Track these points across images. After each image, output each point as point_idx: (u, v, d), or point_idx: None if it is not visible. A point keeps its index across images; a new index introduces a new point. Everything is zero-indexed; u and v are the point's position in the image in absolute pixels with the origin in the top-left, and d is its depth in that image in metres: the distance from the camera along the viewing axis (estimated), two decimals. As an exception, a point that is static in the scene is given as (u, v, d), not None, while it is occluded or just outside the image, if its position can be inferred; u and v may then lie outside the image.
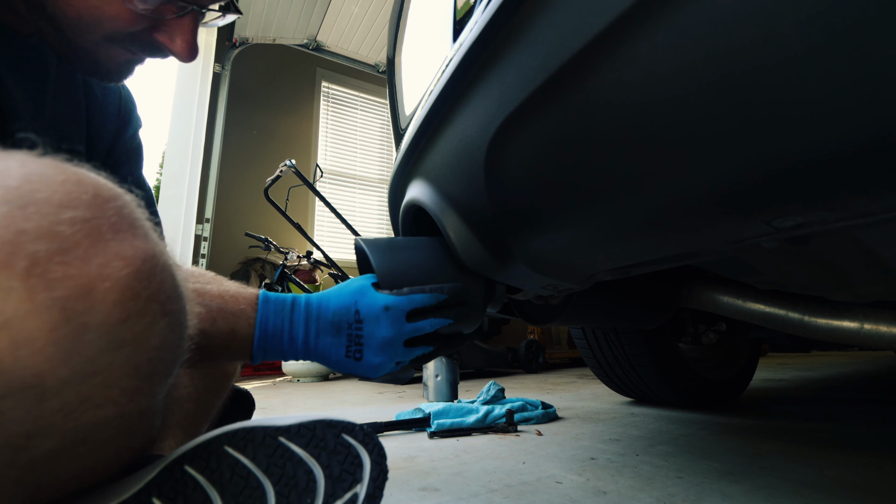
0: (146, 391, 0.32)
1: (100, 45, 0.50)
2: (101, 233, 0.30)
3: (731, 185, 0.37)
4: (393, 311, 0.57)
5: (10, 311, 0.26)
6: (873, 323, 0.85)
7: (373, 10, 4.15)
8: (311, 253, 3.52)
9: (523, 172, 0.51)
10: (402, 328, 0.57)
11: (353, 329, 0.56)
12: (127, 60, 0.53)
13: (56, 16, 0.48)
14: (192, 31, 0.52)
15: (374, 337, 0.56)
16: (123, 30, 0.50)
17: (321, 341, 0.55)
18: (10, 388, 0.26)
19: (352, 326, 0.56)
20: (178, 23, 0.51)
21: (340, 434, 0.48)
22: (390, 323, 0.56)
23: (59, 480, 0.32)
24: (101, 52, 0.51)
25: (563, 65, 0.37)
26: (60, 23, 0.48)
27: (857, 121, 0.28)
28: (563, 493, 0.74)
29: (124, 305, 0.29)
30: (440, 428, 1.21)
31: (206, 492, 0.41)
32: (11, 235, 0.27)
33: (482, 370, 3.27)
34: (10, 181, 0.28)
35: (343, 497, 0.46)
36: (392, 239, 0.69)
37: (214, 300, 0.52)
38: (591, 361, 1.62)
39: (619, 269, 0.65)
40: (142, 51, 0.53)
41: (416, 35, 0.85)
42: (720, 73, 0.30)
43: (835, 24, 0.25)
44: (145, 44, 0.52)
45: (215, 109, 3.83)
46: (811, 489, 0.74)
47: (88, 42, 0.50)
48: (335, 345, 0.56)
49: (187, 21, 0.51)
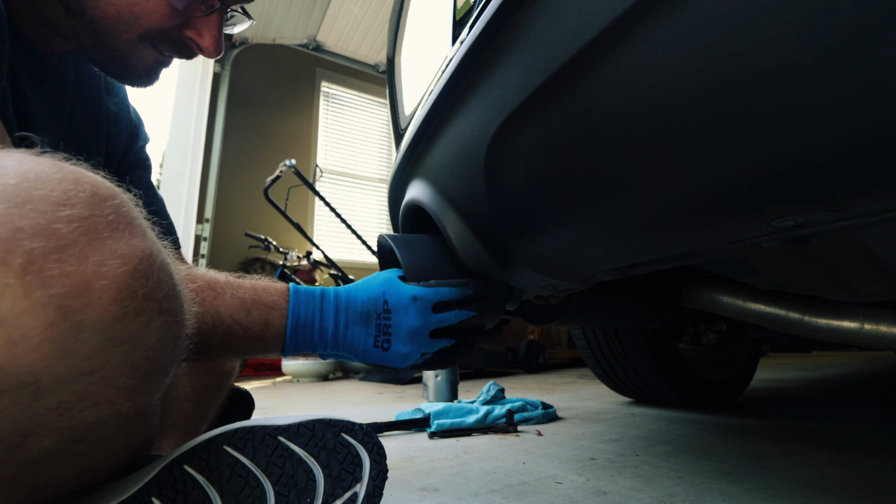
0: (143, 390, 0.32)
1: (134, 45, 0.55)
2: (99, 231, 0.30)
3: (731, 186, 0.37)
4: (420, 302, 0.58)
5: (6, 309, 0.26)
6: (873, 323, 0.85)
7: (373, 10, 4.15)
8: (310, 253, 3.52)
9: (523, 172, 0.51)
10: (429, 318, 0.59)
11: (381, 319, 0.57)
12: (156, 61, 0.58)
13: (95, 18, 0.52)
14: (218, 28, 0.58)
15: (403, 326, 0.57)
16: (158, 26, 0.54)
17: (350, 332, 0.57)
18: (5, 386, 0.26)
19: (380, 316, 0.57)
20: (206, 20, 0.56)
21: (340, 433, 0.48)
22: (418, 312, 0.58)
23: (57, 480, 0.32)
24: (133, 52, 0.56)
25: (564, 65, 0.37)
26: (98, 25, 0.53)
27: (857, 121, 0.28)
28: (563, 494, 0.74)
29: (121, 303, 0.29)
30: (440, 428, 1.21)
31: (206, 491, 0.41)
32: (8, 233, 0.27)
33: (482, 370, 3.27)
34: (7, 179, 0.28)
35: (343, 496, 0.46)
36: (414, 235, 0.71)
37: (248, 292, 0.54)
38: (591, 361, 1.62)
39: (620, 269, 0.65)
40: (171, 49, 0.58)
41: (416, 35, 0.85)
42: (721, 74, 0.30)
43: (835, 25, 0.25)
44: (175, 41, 0.57)
45: (215, 109, 3.83)
46: (811, 489, 0.74)
47: (123, 43, 0.54)
48: (364, 335, 0.57)
49: (214, 18, 0.57)
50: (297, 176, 2.98)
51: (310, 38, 4.39)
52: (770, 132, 0.31)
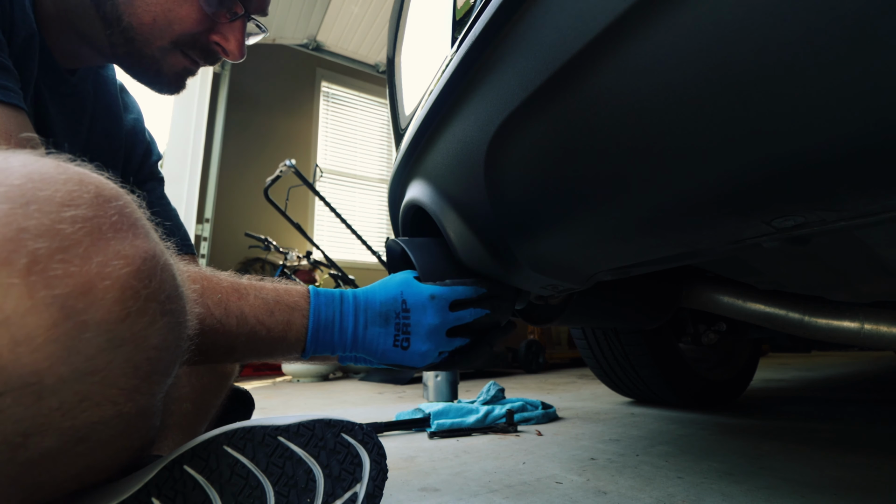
0: (145, 390, 0.32)
1: (166, 52, 0.60)
2: (102, 231, 0.30)
3: (731, 186, 0.37)
4: (438, 300, 0.60)
5: (9, 308, 0.26)
6: (873, 323, 0.85)
7: (373, 10, 4.15)
8: (310, 253, 3.52)
9: (524, 173, 0.51)
10: (446, 316, 0.60)
11: (400, 318, 0.59)
12: (184, 69, 0.63)
13: (132, 25, 0.57)
14: (242, 33, 0.63)
15: (422, 325, 0.59)
16: (190, 31, 0.59)
17: (370, 332, 0.58)
18: (8, 386, 0.26)
19: (399, 315, 0.59)
20: (231, 26, 0.62)
21: (340, 433, 0.48)
22: (436, 311, 0.59)
23: (58, 480, 0.32)
24: (165, 59, 0.60)
25: (563, 65, 0.37)
26: (134, 32, 0.57)
27: (857, 122, 0.28)
28: (563, 494, 0.74)
29: (124, 304, 0.30)
30: (440, 428, 1.21)
31: (206, 491, 0.41)
32: (13, 233, 0.27)
33: (482, 370, 3.27)
34: (12, 179, 0.28)
35: (342, 496, 0.46)
36: (425, 238, 0.73)
37: (270, 294, 0.55)
38: (591, 361, 1.62)
39: (619, 269, 0.65)
40: (199, 54, 0.62)
41: (416, 35, 0.85)
42: (721, 75, 0.30)
43: (834, 27, 0.25)
44: (203, 47, 0.62)
45: (215, 109, 3.83)
46: (811, 489, 0.74)
47: (156, 49, 0.59)
48: (383, 334, 0.58)
49: (238, 24, 0.62)
50: (297, 176, 2.98)
51: (310, 38, 4.39)
52: (770, 133, 0.31)
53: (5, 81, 0.46)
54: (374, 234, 4.73)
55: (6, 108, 0.46)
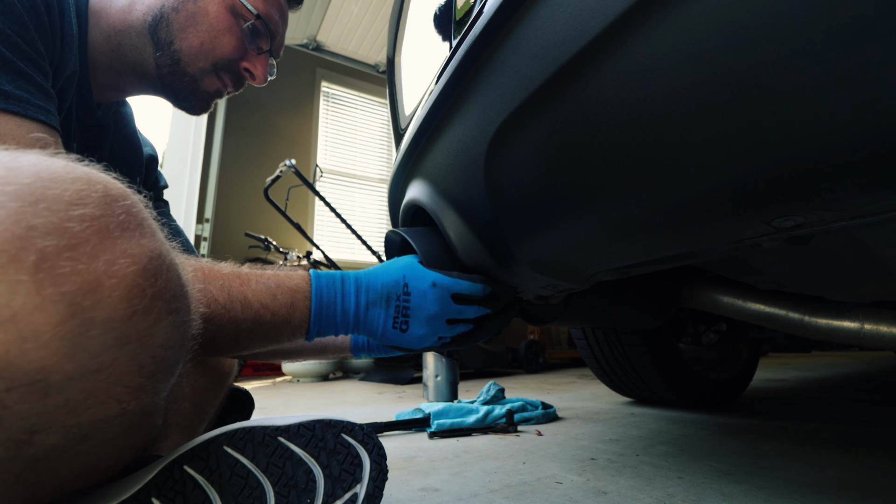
0: (149, 389, 0.33)
1: (206, 72, 0.70)
2: (109, 230, 0.30)
3: (731, 187, 0.37)
4: (439, 289, 0.60)
5: (17, 305, 0.26)
6: (873, 323, 0.85)
7: (373, 10, 4.15)
8: (310, 253, 3.52)
9: (523, 173, 0.51)
10: (448, 307, 0.60)
11: (401, 301, 0.59)
12: (216, 90, 0.74)
13: (182, 49, 0.67)
14: (266, 63, 0.77)
15: (421, 309, 0.59)
16: (228, 56, 0.71)
17: (370, 313, 0.59)
18: (15, 382, 0.26)
19: (400, 298, 0.59)
20: (258, 57, 0.75)
21: (340, 434, 0.49)
22: (436, 299, 0.60)
23: (61, 479, 0.32)
24: (202, 79, 0.71)
25: (563, 65, 0.37)
26: (182, 54, 0.67)
27: (857, 123, 0.28)
28: (563, 494, 0.74)
29: (130, 302, 0.30)
30: (440, 428, 1.21)
31: (206, 492, 0.41)
32: (22, 230, 0.27)
33: (482, 370, 3.27)
34: (22, 178, 0.29)
35: (343, 497, 0.46)
36: (425, 227, 0.73)
37: (271, 279, 0.56)
38: (591, 361, 1.62)
39: (619, 269, 0.65)
40: (231, 78, 0.74)
41: (416, 35, 0.85)
42: (721, 75, 0.30)
43: (834, 27, 0.25)
44: (235, 72, 0.73)
45: (215, 109, 3.83)
46: (811, 489, 0.74)
47: (197, 70, 0.69)
48: (383, 315, 0.59)
49: (263, 57, 0.76)
50: (297, 176, 2.98)
51: (310, 38, 4.39)
52: (770, 133, 0.31)
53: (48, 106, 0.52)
54: (374, 234, 4.73)
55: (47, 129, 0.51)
